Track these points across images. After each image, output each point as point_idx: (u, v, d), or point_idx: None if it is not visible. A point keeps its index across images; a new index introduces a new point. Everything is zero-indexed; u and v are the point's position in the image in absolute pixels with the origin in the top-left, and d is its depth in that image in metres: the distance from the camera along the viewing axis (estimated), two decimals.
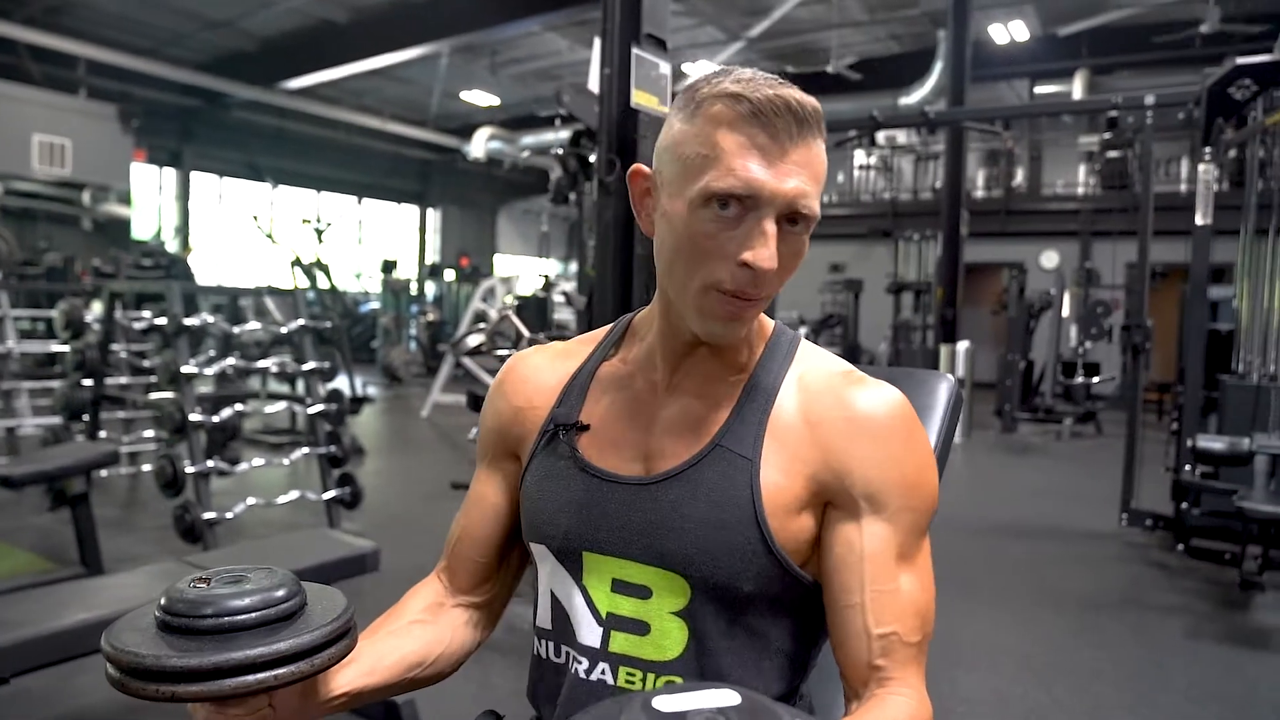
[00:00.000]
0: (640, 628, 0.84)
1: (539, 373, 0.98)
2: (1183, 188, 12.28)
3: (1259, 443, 3.95)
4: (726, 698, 0.51)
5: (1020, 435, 9.00)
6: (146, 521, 4.54)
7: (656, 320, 0.90)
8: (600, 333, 1.00)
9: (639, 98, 3.66)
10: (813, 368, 0.89)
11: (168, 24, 10.83)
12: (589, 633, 0.86)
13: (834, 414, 0.84)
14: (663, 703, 0.50)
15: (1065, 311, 10.33)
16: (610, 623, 0.85)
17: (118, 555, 3.77)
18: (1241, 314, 4.73)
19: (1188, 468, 4.45)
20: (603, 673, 0.85)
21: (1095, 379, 9.32)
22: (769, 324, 0.93)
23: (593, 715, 0.52)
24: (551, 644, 0.90)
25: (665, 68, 3.77)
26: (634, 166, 0.85)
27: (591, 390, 0.93)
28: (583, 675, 0.86)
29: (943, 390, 1.23)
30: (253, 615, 0.68)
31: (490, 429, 1.00)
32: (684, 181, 0.79)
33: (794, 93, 0.77)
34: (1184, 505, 4.55)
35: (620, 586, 0.85)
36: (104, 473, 5.09)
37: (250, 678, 0.65)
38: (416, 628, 0.95)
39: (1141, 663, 3.16)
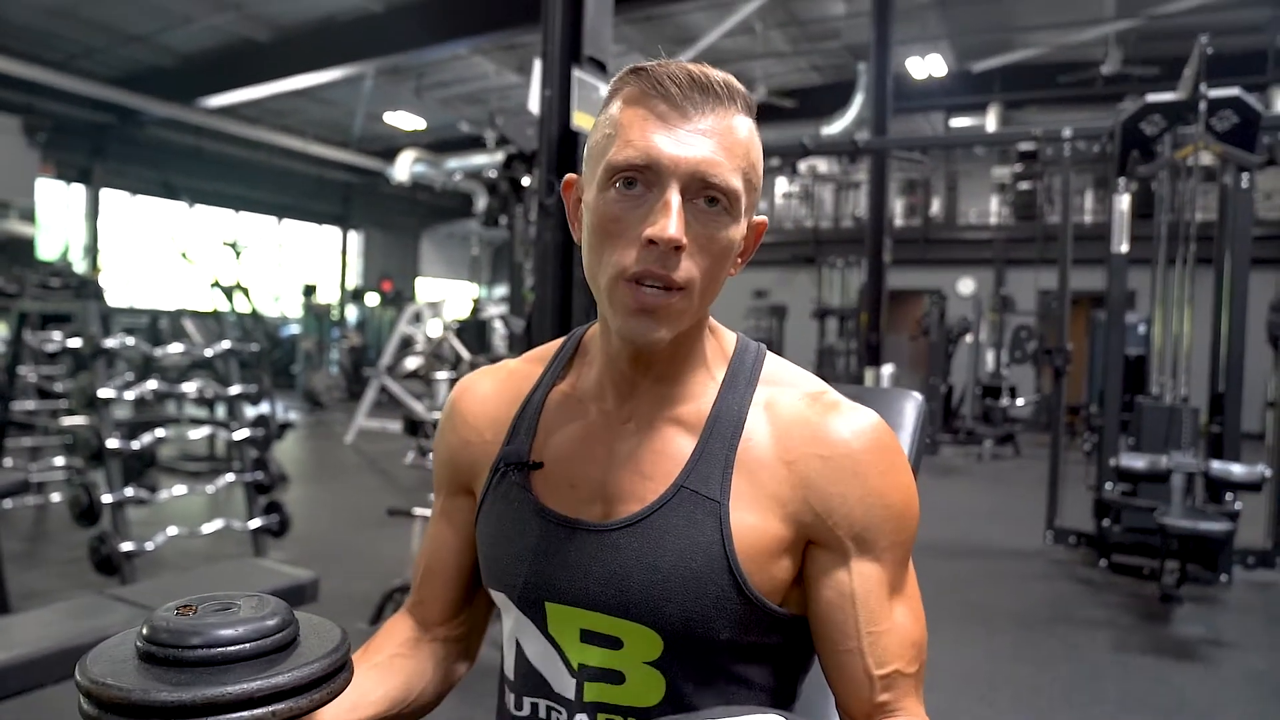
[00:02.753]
0: (615, 677, 0.79)
1: (486, 402, 0.91)
2: (1087, 218, 12.86)
3: (1176, 460, 4.12)
4: None
5: (943, 457, 9.22)
6: (55, 555, 4.29)
7: (599, 340, 0.84)
8: (550, 349, 0.93)
9: (579, 119, 3.65)
10: (781, 391, 0.82)
11: (79, 36, 10.42)
12: (563, 683, 0.81)
13: (810, 450, 0.78)
14: None
15: (982, 336, 10.67)
16: (583, 674, 0.80)
17: (24, 591, 3.55)
18: (1155, 339, 4.94)
19: (1108, 485, 4.61)
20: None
21: (1020, 401, 9.63)
22: (730, 340, 0.87)
23: None
24: (514, 695, 0.85)
25: (605, 90, 3.78)
26: (567, 176, 0.81)
27: (542, 422, 0.86)
28: None
29: (910, 409, 1.23)
30: (246, 646, 0.61)
31: (442, 463, 0.94)
32: (593, 170, 0.76)
33: (703, 67, 0.73)
34: (1105, 522, 4.71)
35: (589, 637, 0.79)
36: (8, 504, 4.81)
37: (246, 714, 0.59)
38: (398, 661, 0.90)
39: (1076, 676, 3.24)
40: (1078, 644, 3.59)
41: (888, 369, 8.89)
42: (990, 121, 11.85)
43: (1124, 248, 4.68)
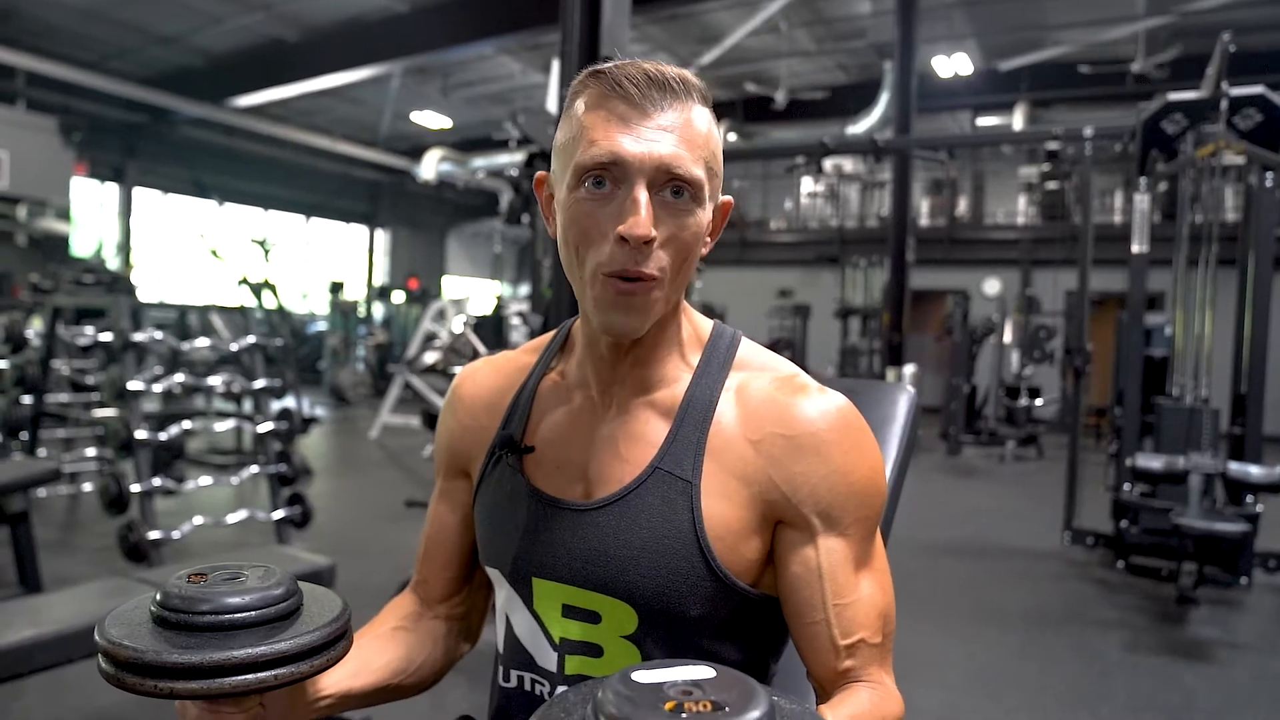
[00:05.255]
0: (594, 650, 0.84)
1: (485, 389, 0.97)
2: (1117, 218, 12.73)
3: (1193, 461, 4.10)
4: (702, 672, 0.53)
5: (965, 458, 9.18)
6: (87, 542, 4.41)
7: (581, 330, 0.89)
8: (545, 340, 0.98)
9: None
10: (752, 375, 0.86)
11: (113, 38, 10.64)
12: (546, 656, 0.86)
13: (775, 430, 0.81)
14: (641, 675, 0.52)
15: (1007, 337, 10.60)
16: (564, 647, 0.85)
17: (57, 577, 3.65)
18: (1175, 340, 4.91)
19: (1127, 486, 4.59)
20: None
21: (1038, 401, 9.56)
22: (706, 326, 0.90)
23: (577, 691, 0.54)
24: (503, 668, 0.91)
25: None
26: (538, 174, 0.85)
27: (534, 408, 0.91)
28: (545, 698, 0.86)
29: (902, 402, 1.23)
30: (252, 614, 0.67)
31: (442, 447, 1.00)
32: (562, 170, 0.79)
33: (659, 65, 0.76)
34: (1123, 523, 4.69)
35: (570, 611, 0.84)
36: (42, 492, 4.94)
37: (250, 676, 0.65)
38: (400, 634, 0.96)
39: (1084, 675, 3.24)
40: (1089, 643, 3.59)
41: (909, 369, 8.87)
42: (1017, 120, 11.76)
43: (1144, 247, 4.65)
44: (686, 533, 0.79)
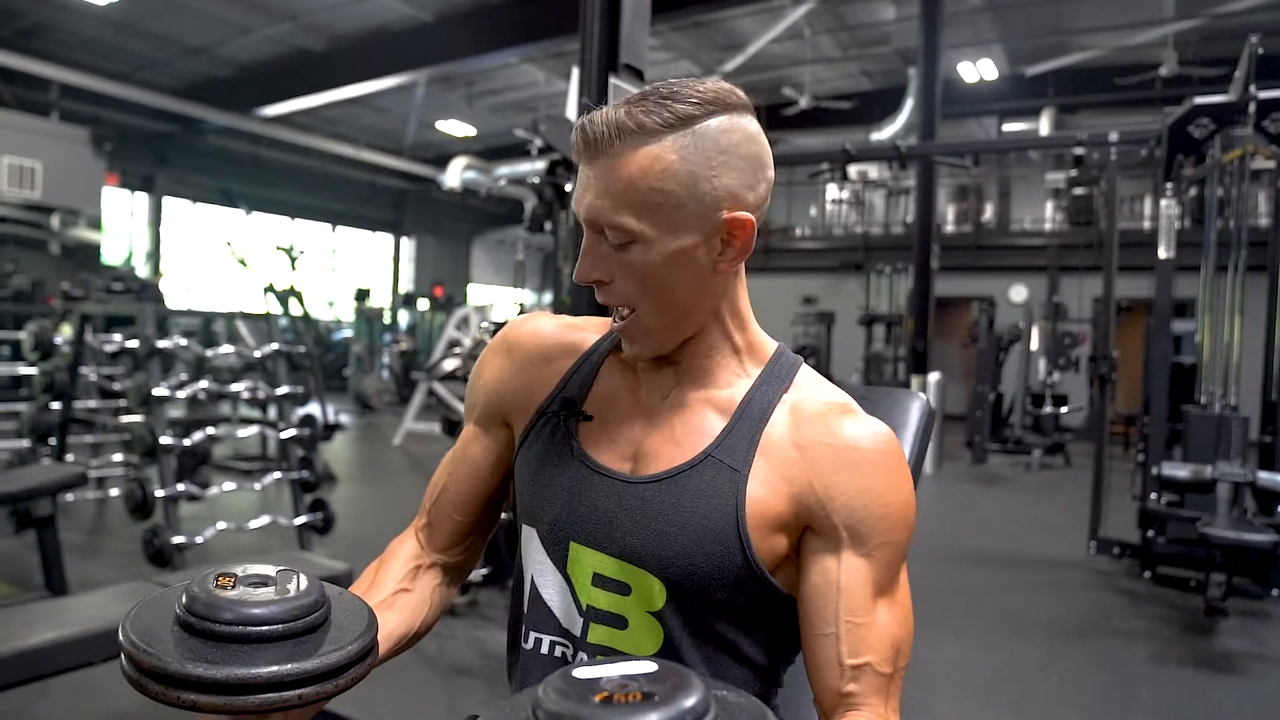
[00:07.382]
0: (619, 621, 0.85)
1: (545, 344, 0.98)
2: (1146, 224, 12.58)
3: (1221, 470, 4.03)
4: (643, 667, 0.54)
5: (990, 466, 9.08)
6: (113, 547, 4.47)
7: None
8: (607, 322, 0.98)
9: None
10: (808, 395, 0.89)
11: (143, 49, 10.81)
12: (572, 620, 0.87)
13: (822, 440, 0.84)
14: (582, 672, 0.54)
15: (1034, 345, 10.49)
16: (590, 614, 0.86)
17: (83, 580, 3.69)
18: (1203, 347, 4.84)
19: (1153, 496, 4.52)
20: (581, 662, 0.85)
21: (1064, 409, 9.45)
22: (769, 347, 0.93)
23: (527, 693, 0.55)
24: (524, 628, 0.91)
25: None
26: None
27: (599, 378, 0.94)
28: (568, 660, 0.87)
29: (915, 409, 1.23)
30: (278, 627, 0.66)
31: (488, 385, 0.99)
32: None
33: (594, 115, 0.79)
34: (1150, 533, 4.62)
35: (600, 580, 0.86)
36: (70, 497, 5.01)
37: (274, 695, 0.64)
38: (402, 598, 0.96)
39: (1108, 687, 3.19)
40: (1113, 654, 3.54)
41: (934, 376, 8.79)
42: (1044, 126, 11.65)
43: (1171, 253, 4.59)
44: (729, 517, 0.82)
